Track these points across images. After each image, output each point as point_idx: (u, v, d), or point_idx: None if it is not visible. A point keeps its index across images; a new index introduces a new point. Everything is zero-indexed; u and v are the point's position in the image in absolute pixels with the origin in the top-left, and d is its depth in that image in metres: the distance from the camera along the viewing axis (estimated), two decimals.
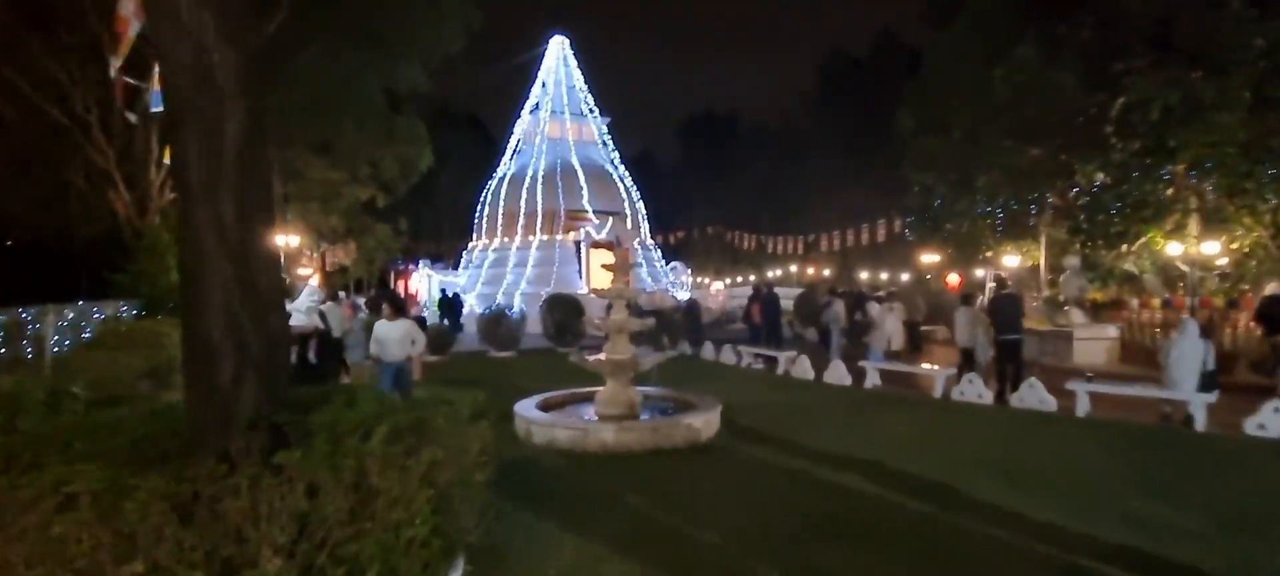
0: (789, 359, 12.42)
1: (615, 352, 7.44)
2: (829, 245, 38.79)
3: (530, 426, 6.89)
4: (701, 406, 7.43)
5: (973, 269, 31.19)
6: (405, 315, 7.67)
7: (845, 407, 9.01)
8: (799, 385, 10.95)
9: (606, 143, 27.84)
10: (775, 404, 9.20)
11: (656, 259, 27.59)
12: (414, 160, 19.16)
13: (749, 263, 50.60)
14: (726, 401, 8.36)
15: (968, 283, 30.72)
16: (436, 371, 13.08)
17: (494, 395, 10.11)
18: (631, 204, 26.64)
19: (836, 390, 10.39)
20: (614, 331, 7.39)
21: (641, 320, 7.32)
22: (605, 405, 7.38)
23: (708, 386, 10.27)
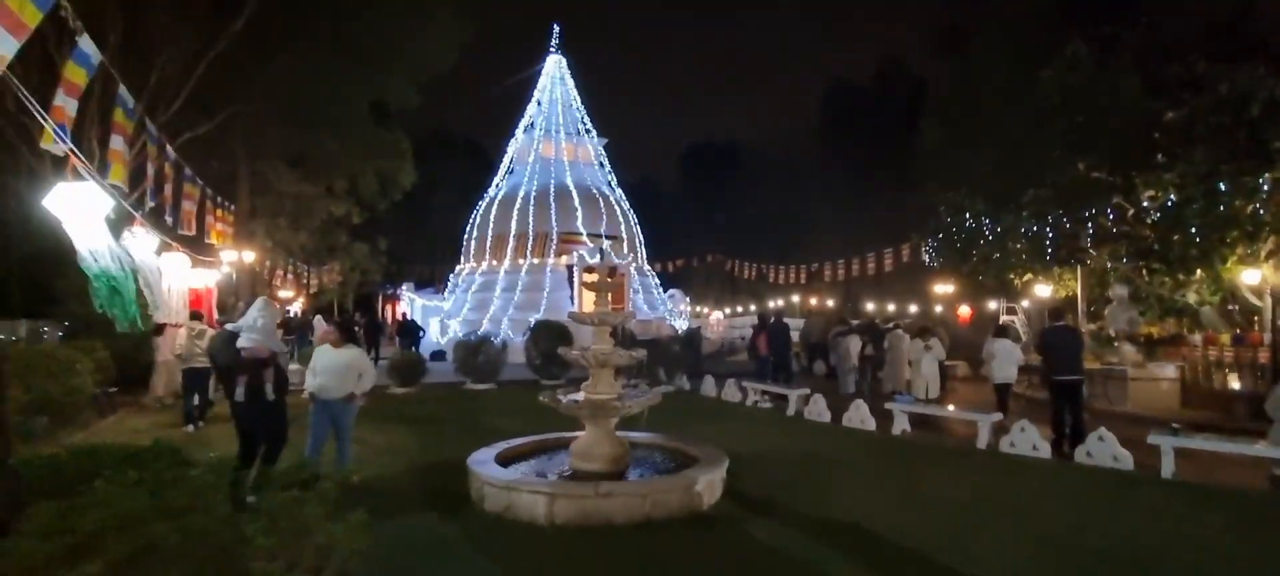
0: (801, 397, 10.93)
1: (597, 391, 5.99)
2: (832, 275, 37.52)
3: (483, 487, 5.39)
4: (703, 461, 5.95)
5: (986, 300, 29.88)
6: (354, 342, 6.22)
7: (876, 461, 7.51)
8: (815, 430, 9.45)
9: (603, 164, 26.69)
10: (791, 455, 7.70)
11: (654, 286, 26.20)
12: (395, 175, 17.92)
13: (749, 292, 49.28)
14: (733, 450, 6.88)
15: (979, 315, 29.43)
16: (401, 406, 11.57)
17: (458, 438, 8.62)
18: (628, 227, 25.36)
19: (861, 438, 8.89)
20: (595, 365, 5.94)
21: (629, 353, 5.86)
22: (583, 457, 5.91)
23: (709, 431, 8.79)
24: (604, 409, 5.69)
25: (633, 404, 5.80)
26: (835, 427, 9.50)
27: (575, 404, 5.72)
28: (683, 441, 6.86)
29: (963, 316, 29.46)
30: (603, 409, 5.69)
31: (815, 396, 10.32)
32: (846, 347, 11.37)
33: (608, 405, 5.70)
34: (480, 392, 13.22)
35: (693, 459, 6.29)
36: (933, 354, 9.18)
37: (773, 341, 12.09)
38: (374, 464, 7.10)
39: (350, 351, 6.14)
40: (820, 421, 9.95)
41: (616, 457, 5.91)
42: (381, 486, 6.25)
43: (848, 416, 9.64)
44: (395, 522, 5.20)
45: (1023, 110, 10.27)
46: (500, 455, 6.27)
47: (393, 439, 8.52)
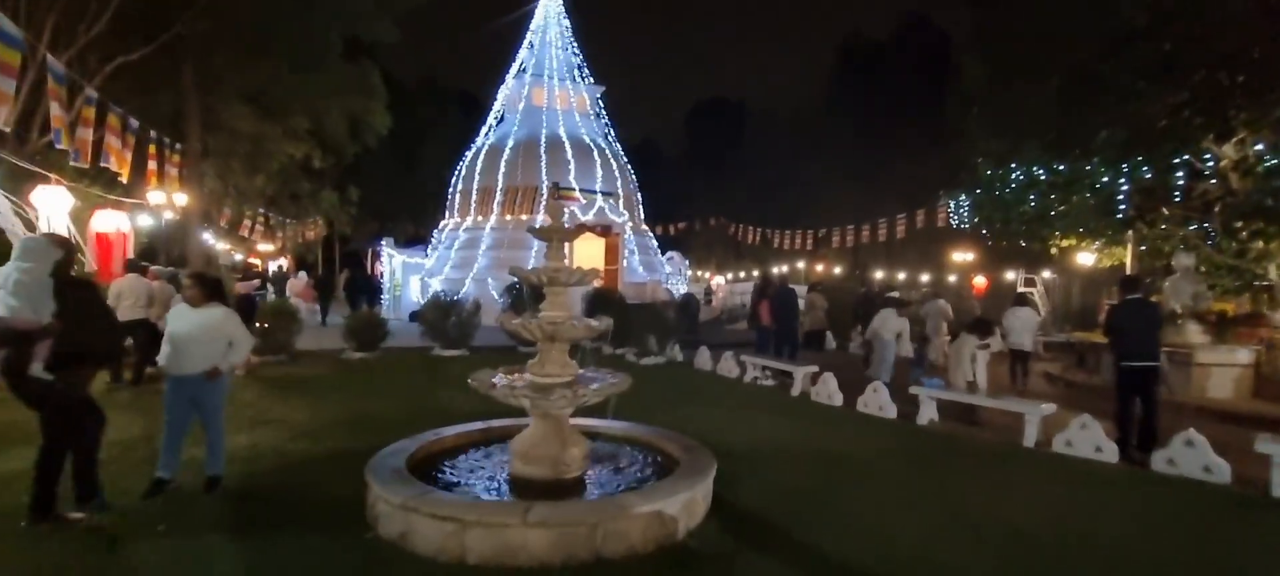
0: (808, 375, 9.47)
1: (544, 371, 4.51)
2: (841, 241, 35.86)
3: (377, 503, 3.95)
4: (684, 465, 4.51)
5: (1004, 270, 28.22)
6: (221, 300, 4.70)
7: (902, 462, 6.05)
8: (826, 416, 7.99)
9: (599, 114, 24.80)
10: (797, 451, 6.24)
11: (652, 247, 24.59)
12: (367, 117, 16.20)
13: (753, 257, 47.66)
14: (724, 443, 5.49)
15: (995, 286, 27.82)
16: (350, 374, 10.15)
17: (403, 417, 7.12)
18: (625, 183, 23.62)
19: (881, 428, 7.42)
20: (542, 338, 4.44)
21: (589, 323, 4.34)
22: (524, 459, 4.46)
23: (698, 415, 7.34)
24: (555, 394, 4.20)
25: (590, 391, 4.30)
26: (849, 414, 8.04)
27: (511, 388, 4.23)
28: (662, 435, 5.40)
29: (977, 287, 27.90)
30: (552, 395, 4.20)
31: (825, 375, 8.84)
32: (889, 327, 9.29)
33: (555, 391, 4.20)
34: (448, 360, 11.80)
35: (671, 460, 4.84)
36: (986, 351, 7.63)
37: (777, 310, 10.58)
38: (276, 454, 5.69)
39: (214, 312, 4.61)
40: (830, 406, 8.49)
41: (567, 460, 4.45)
42: (272, 487, 4.84)
43: (864, 400, 8.17)
44: (259, 547, 3.79)
45: (1095, 35, 8.48)
46: (422, 450, 4.83)
47: (321, 415, 7.10)
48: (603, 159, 23.10)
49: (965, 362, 7.51)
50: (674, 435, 5.39)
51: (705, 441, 5.37)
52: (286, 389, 8.62)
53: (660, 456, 5.06)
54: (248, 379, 9.19)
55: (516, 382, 4.48)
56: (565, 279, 4.49)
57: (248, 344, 4.95)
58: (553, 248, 4.63)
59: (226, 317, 4.69)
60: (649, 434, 5.45)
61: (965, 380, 7.51)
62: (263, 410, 7.29)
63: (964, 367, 7.52)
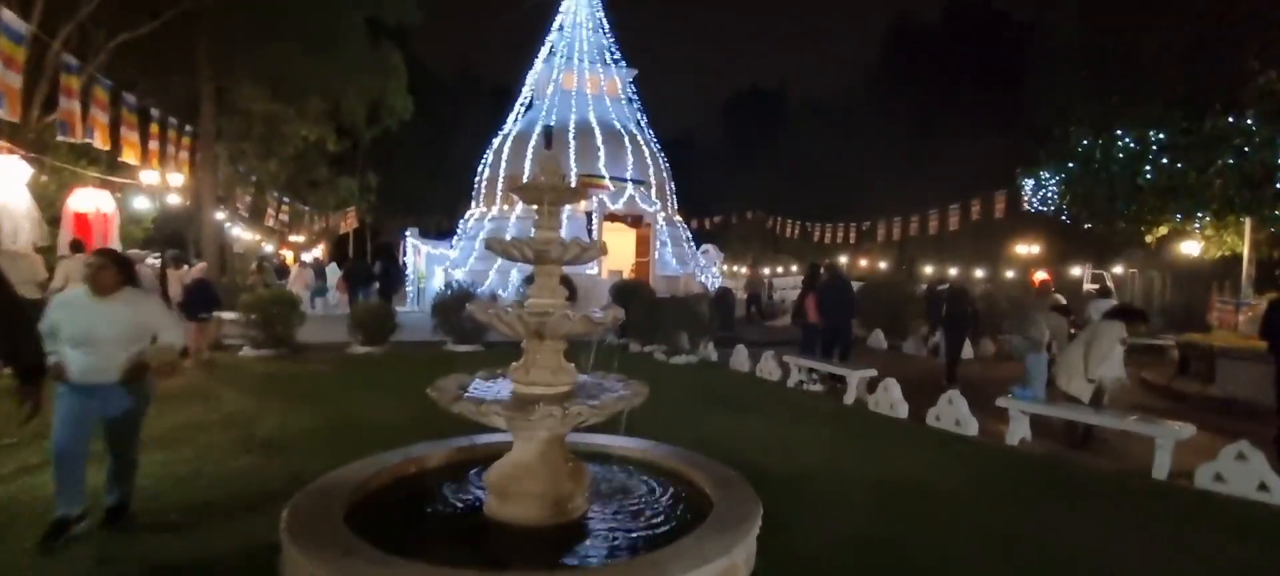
0: (864, 379, 8.13)
1: (529, 378, 3.37)
2: (886, 234, 33.97)
3: (287, 565, 2.88)
4: (718, 511, 3.32)
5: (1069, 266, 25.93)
6: (133, 283, 3.67)
7: (1002, 504, 4.70)
8: (890, 432, 6.65)
9: (631, 99, 23.62)
10: (861, 484, 4.94)
11: (685, 238, 23.33)
12: (383, 98, 15.41)
13: (791, 251, 45.93)
14: (765, 469, 4.26)
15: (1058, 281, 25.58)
16: (350, 371, 9.24)
17: (386, 426, 5.41)
18: (658, 170, 22.42)
19: (962, 450, 6.05)
20: (528, 334, 3.30)
21: (589, 316, 3.15)
22: (501, 495, 3.34)
23: (732, 429, 6.11)
24: (531, 415, 3.04)
25: (589, 407, 3.13)
26: (918, 430, 6.68)
27: (477, 404, 3.08)
28: (689, 460, 4.21)
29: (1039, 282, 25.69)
30: (530, 414, 3.04)
31: (886, 381, 7.48)
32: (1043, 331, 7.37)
33: (538, 408, 3.04)
34: (459, 355, 10.82)
35: (700, 496, 3.66)
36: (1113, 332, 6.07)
37: (827, 305, 9.24)
38: (214, 473, 4.71)
39: (131, 300, 3.57)
40: (893, 418, 7.14)
41: (559, 498, 3.30)
42: (194, 522, 3.83)
43: (936, 413, 6.80)
44: None
45: None
46: (385, 476, 3.76)
47: (296, 421, 6.13)
48: (634, 145, 21.95)
49: (1093, 365, 5.99)
50: (704, 461, 4.19)
51: (742, 464, 4.17)
52: (269, 387, 7.73)
53: (686, 490, 3.86)
54: (231, 373, 8.38)
55: (497, 393, 3.35)
56: (557, 254, 3.33)
57: (178, 333, 3.94)
58: (544, 214, 3.48)
59: (144, 306, 3.65)
60: (673, 458, 4.25)
61: (1083, 389, 6.03)
62: (229, 413, 6.37)
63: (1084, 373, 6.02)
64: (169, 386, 7.38)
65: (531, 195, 3.44)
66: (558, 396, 3.31)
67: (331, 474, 3.71)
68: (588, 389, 3.51)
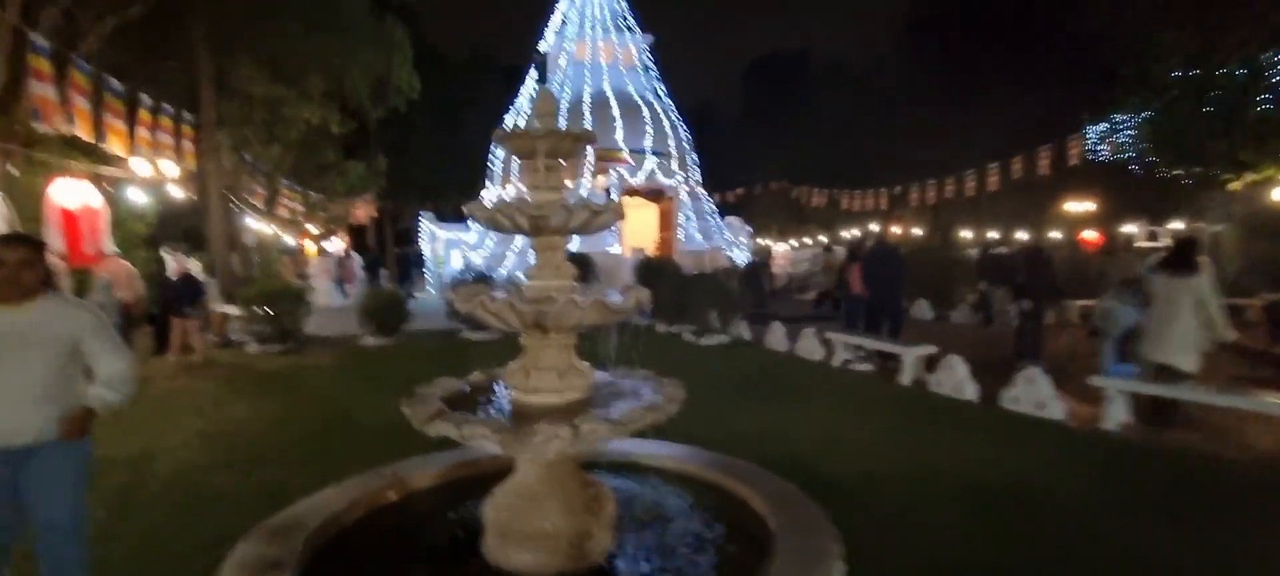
0: (921, 357, 7.23)
1: (529, 384, 2.60)
2: (920, 198, 32.60)
3: None
4: (783, 545, 2.52)
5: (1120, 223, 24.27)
6: (50, 283, 2.64)
7: (1127, 508, 3.81)
8: (961, 418, 5.77)
9: (649, 67, 22.53)
10: (944, 488, 4.09)
11: (709, 211, 22.35)
12: (388, 75, 14.68)
13: (819, 222, 44.51)
14: (825, 471, 3.48)
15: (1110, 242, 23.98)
16: (355, 365, 8.61)
17: (388, 433, 4.23)
18: (678, 141, 21.39)
19: (1054, 438, 5.15)
20: (527, 326, 2.51)
21: (604, 301, 2.32)
22: (503, 536, 2.59)
23: (777, 420, 5.28)
24: (530, 437, 2.25)
25: (610, 425, 2.33)
26: (993, 415, 5.78)
27: (459, 425, 2.29)
28: (734, 470, 3.42)
29: (1089, 242, 24.14)
30: (528, 437, 2.25)
31: (949, 358, 6.57)
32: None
33: (539, 428, 2.25)
34: (475, 345, 10.16)
35: (754, 520, 2.88)
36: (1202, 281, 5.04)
37: (873, 275, 8.31)
38: (184, 495, 4.07)
39: (51, 311, 2.43)
40: (960, 401, 6.25)
41: (574, 536, 2.55)
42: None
43: (1015, 394, 5.89)
44: None
45: None
46: (356, 509, 3.05)
47: (282, 431, 5.49)
48: (652, 116, 20.94)
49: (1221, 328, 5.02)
50: (754, 471, 3.40)
51: (795, 468, 3.43)
52: (266, 387, 7.14)
53: (737, 514, 3.08)
54: (228, 371, 7.83)
55: (492, 412, 2.59)
56: (559, 221, 2.52)
57: (129, 367, 2.58)
58: (540, 170, 2.66)
59: (68, 317, 2.45)
60: (716, 469, 3.47)
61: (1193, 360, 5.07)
62: (215, 419, 5.75)
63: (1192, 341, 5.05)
64: (155, 388, 6.95)
65: (522, 145, 2.62)
66: (566, 408, 2.53)
67: (297, 506, 3.02)
68: (606, 394, 2.74)
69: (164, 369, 8.02)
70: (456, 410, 2.55)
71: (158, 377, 7.54)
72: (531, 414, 2.54)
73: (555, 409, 2.56)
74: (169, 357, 8.36)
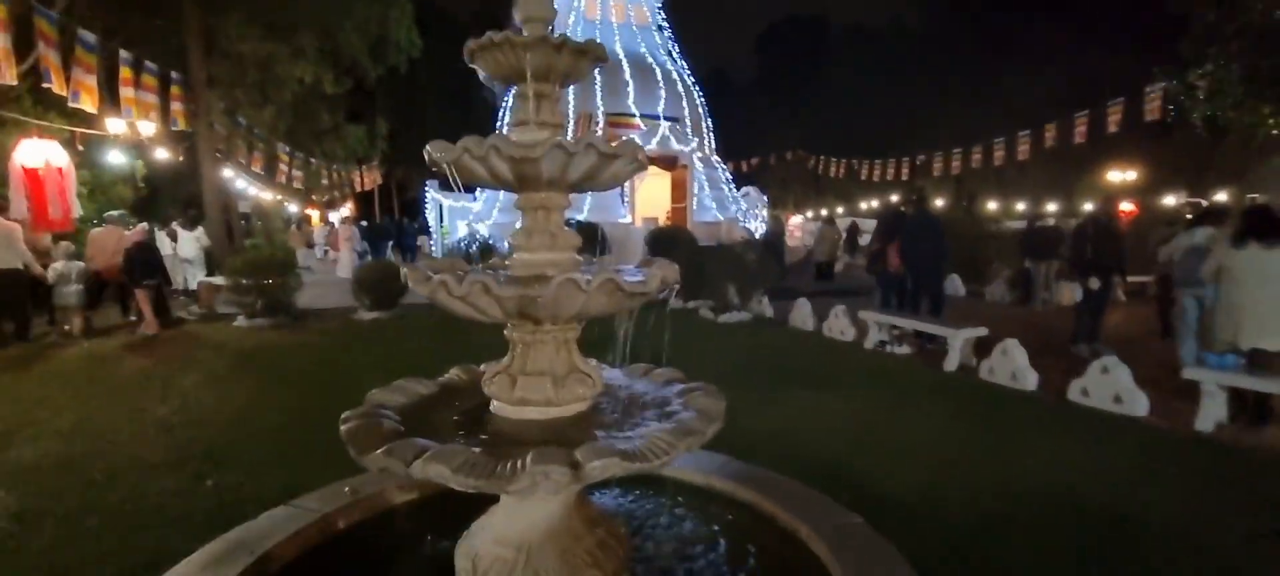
0: (969, 341, 6.48)
1: (517, 395, 1.89)
2: (944, 169, 31.37)
3: None
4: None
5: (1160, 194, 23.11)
6: None
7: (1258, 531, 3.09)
8: (1029, 416, 5.04)
9: (661, 27, 21.45)
10: (1041, 517, 3.36)
11: (724, 180, 21.45)
12: (384, 31, 13.83)
13: (836, 193, 43.37)
14: (883, 492, 2.78)
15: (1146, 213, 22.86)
16: (347, 340, 7.99)
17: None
18: (692, 107, 20.44)
19: (1152, 444, 4.42)
20: (514, 316, 1.80)
21: (617, 279, 1.59)
22: None
23: (812, 414, 4.55)
24: (514, 476, 1.57)
25: (623, 456, 1.63)
26: (1062, 411, 5.04)
27: (407, 460, 1.62)
28: (778, 490, 2.74)
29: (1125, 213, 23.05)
30: (512, 477, 1.57)
31: (1006, 343, 5.82)
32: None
33: (527, 470, 1.56)
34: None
35: (816, 569, 2.20)
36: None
37: (913, 250, 7.52)
38: (119, 503, 3.46)
39: None
40: (1019, 392, 5.51)
41: None
42: None
43: (1085, 386, 5.14)
44: None
45: None
46: (279, 551, 2.39)
47: (252, 420, 4.88)
48: (665, 80, 19.96)
49: None
50: (803, 492, 2.72)
51: (842, 478, 2.78)
52: (244, 366, 6.54)
53: (785, 552, 2.40)
54: (206, 348, 7.25)
55: (443, 428, 1.91)
56: (552, 168, 1.78)
57: None
58: (528, 98, 1.93)
59: None
60: (755, 488, 2.78)
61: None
62: (177, 405, 5.14)
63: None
64: (120, 367, 6.38)
65: (502, 60, 1.88)
66: (565, 428, 1.84)
67: (225, 537, 2.37)
68: (619, 406, 2.04)
69: (124, 344, 7.46)
70: (418, 427, 1.88)
71: (121, 354, 6.99)
72: (518, 436, 1.85)
73: (551, 427, 1.87)
74: (136, 331, 7.81)
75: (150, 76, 10.48)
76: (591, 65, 1.95)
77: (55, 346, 7.37)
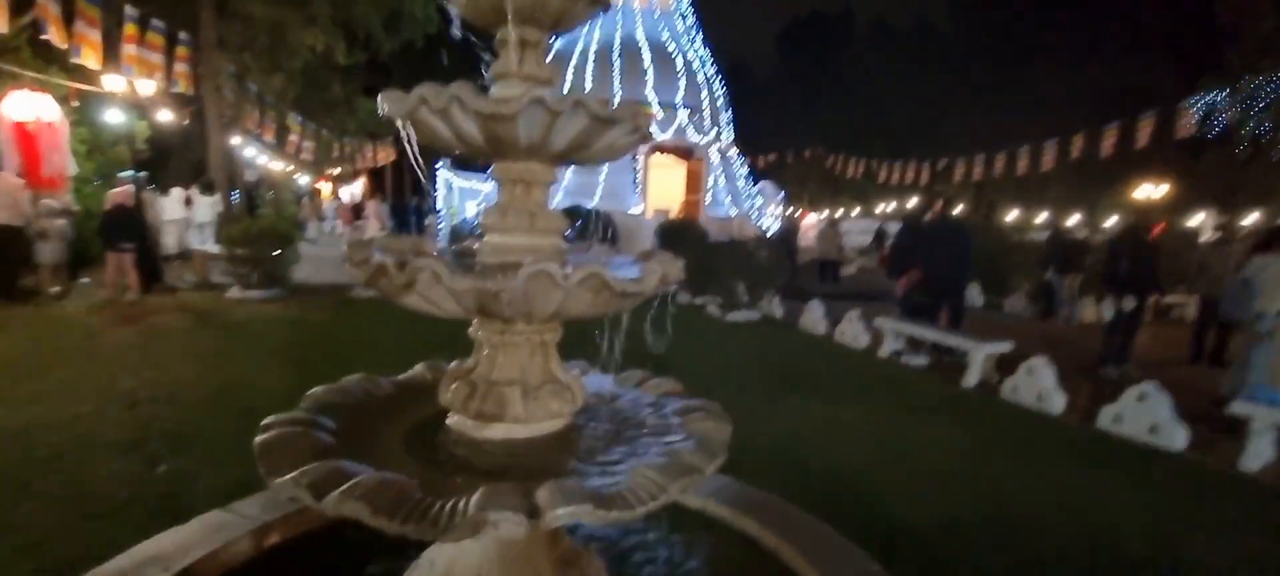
0: (991, 354, 6.10)
1: (485, 408, 1.56)
2: (965, 175, 30.65)
3: None
4: None
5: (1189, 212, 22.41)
6: None
7: None
8: (1059, 443, 4.67)
9: (684, 14, 20.92)
10: (1085, 566, 3.02)
11: (740, 175, 20.99)
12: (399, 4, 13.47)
13: (853, 193, 42.68)
14: (910, 525, 2.44)
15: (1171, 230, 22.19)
16: (333, 317, 7.71)
17: None
18: (711, 97, 19.95)
19: (1196, 483, 4.04)
20: (476, 313, 1.47)
21: (603, 277, 1.24)
22: None
23: (822, 428, 4.16)
24: (451, 525, 1.25)
25: (599, 500, 1.31)
26: (1093, 440, 4.66)
27: (336, 489, 1.30)
28: (775, 520, 2.40)
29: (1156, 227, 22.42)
30: (451, 525, 1.25)
31: (1033, 362, 5.42)
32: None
33: (467, 518, 1.24)
34: None
35: None
36: None
37: (933, 255, 7.11)
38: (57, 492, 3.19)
39: None
40: (1044, 415, 5.13)
41: None
42: None
43: (1118, 413, 4.75)
44: None
45: None
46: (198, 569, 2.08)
47: (224, 401, 4.60)
48: (686, 67, 19.48)
49: None
50: (806, 522, 2.38)
51: (849, 495, 2.37)
52: (229, 341, 6.28)
53: None
54: (190, 319, 7.00)
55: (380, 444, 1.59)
56: (533, 130, 1.45)
57: None
58: (506, 44, 1.59)
59: None
60: (750, 513, 2.44)
61: None
62: (149, 379, 4.87)
63: None
64: (98, 336, 6.13)
65: (477, 1, 1.54)
66: (533, 450, 1.52)
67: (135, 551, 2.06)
68: (602, 427, 1.71)
69: (102, 309, 7.21)
70: (357, 441, 1.56)
71: (101, 321, 6.75)
72: (471, 460, 1.53)
73: (515, 450, 1.55)
74: (106, 295, 7.55)
75: (156, 34, 10.20)
76: (589, 9, 1.61)
77: (28, 307, 7.12)
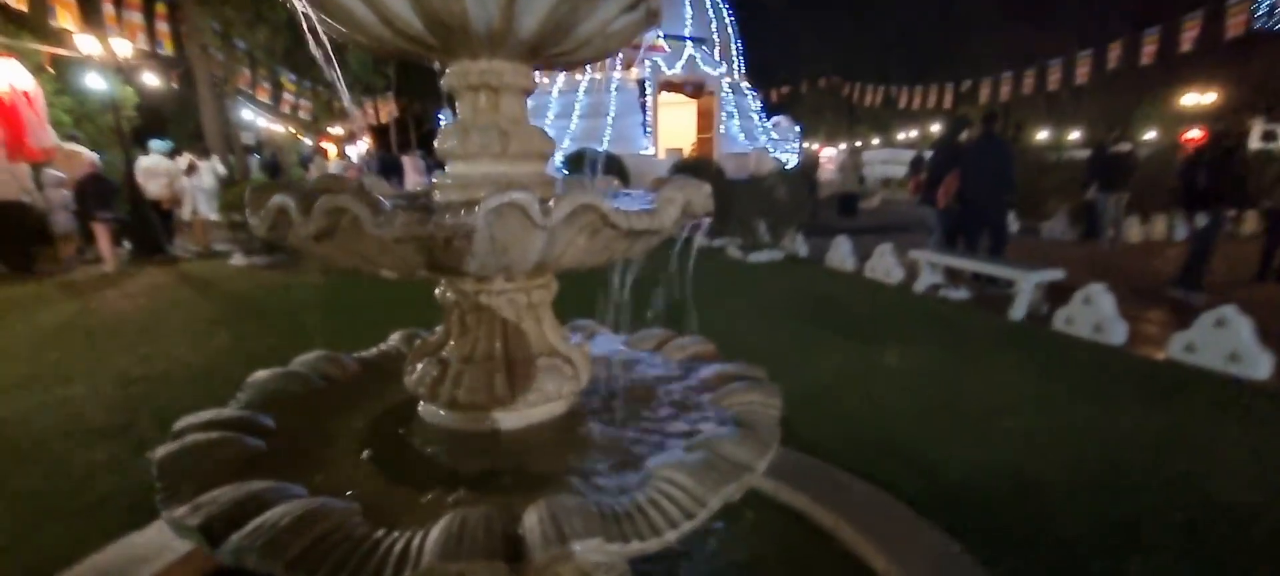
0: (1038, 284, 5.60)
1: (462, 396, 1.18)
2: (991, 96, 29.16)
3: None
4: None
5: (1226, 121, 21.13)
6: None
7: None
8: (1130, 377, 4.23)
9: None
10: (1182, 529, 2.62)
11: (753, 109, 20.08)
12: None
13: (872, 123, 41.19)
14: (963, 472, 2.05)
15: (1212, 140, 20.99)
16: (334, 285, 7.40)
17: None
18: (721, 28, 18.91)
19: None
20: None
21: (612, 216, 0.82)
22: None
23: (868, 377, 3.75)
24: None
25: (599, 519, 0.94)
26: (1167, 373, 4.21)
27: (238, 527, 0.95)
28: (823, 493, 2.03)
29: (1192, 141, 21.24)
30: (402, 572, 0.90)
31: (1093, 290, 4.93)
32: None
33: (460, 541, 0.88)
34: None
35: None
36: None
37: (973, 176, 6.54)
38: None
39: None
40: (1107, 347, 4.67)
41: None
42: None
43: (1191, 340, 4.29)
44: None
45: None
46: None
47: (215, 372, 4.33)
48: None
49: None
50: (866, 492, 2.02)
51: (900, 450, 2.02)
52: (225, 310, 6.01)
53: None
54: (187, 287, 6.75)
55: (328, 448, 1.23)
56: (490, 16, 1.01)
57: None
58: None
59: None
60: (797, 486, 2.08)
61: None
62: (143, 354, 4.60)
63: None
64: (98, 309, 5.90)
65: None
66: (523, 446, 1.14)
67: (97, 558, 1.77)
68: (613, 405, 1.33)
69: (99, 283, 6.98)
70: (299, 443, 1.20)
71: (97, 293, 6.52)
72: (451, 461, 1.16)
73: (498, 448, 1.17)
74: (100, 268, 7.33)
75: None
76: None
77: (43, 283, 6.95)
